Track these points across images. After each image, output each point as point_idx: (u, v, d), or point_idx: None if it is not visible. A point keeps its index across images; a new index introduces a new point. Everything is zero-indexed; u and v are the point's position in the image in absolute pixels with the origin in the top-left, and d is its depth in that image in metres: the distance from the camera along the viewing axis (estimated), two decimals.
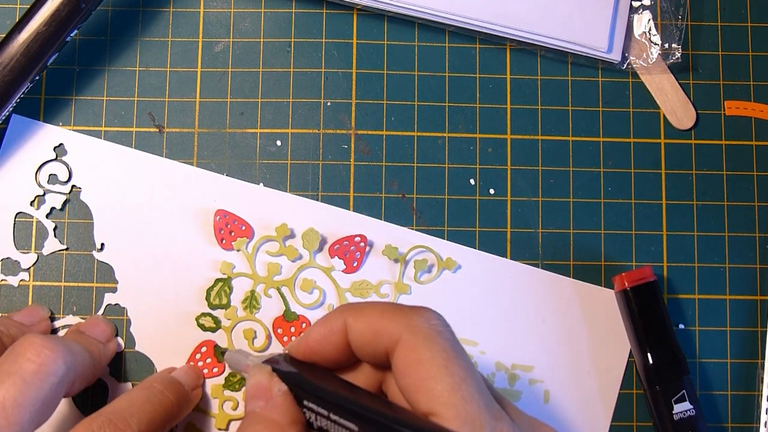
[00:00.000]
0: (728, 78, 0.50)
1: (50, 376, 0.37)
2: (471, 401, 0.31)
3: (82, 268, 0.47)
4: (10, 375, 0.36)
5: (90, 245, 0.47)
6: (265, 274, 0.46)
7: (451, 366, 0.32)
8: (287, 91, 0.49)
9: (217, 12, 0.50)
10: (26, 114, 0.48)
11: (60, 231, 0.47)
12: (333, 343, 0.36)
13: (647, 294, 0.46)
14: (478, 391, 0.32)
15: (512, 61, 0.50)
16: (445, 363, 0.32)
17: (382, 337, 0.34)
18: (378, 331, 0.34)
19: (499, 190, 0.49)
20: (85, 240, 0.47)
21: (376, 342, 0.34)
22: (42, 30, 0.44)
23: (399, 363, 0.33)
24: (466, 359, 0.33)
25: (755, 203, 0.49)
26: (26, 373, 0.36)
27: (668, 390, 0.45)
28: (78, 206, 0.47)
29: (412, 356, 0.33)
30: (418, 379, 0.32)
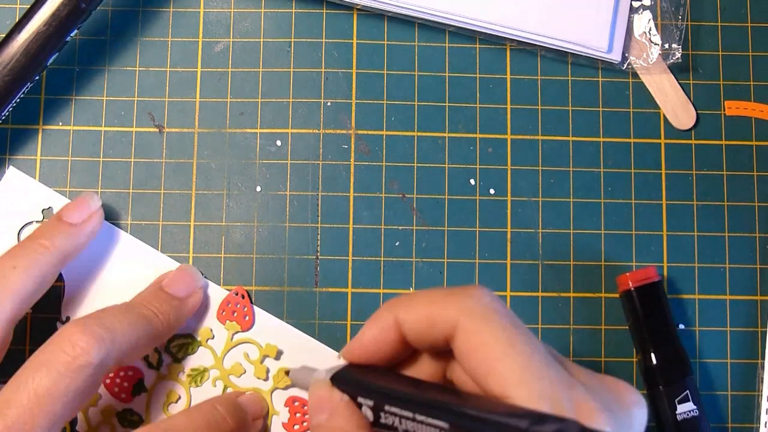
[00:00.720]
0: (728, 78, 0.50)
1: (84, 368, 0.37)
2: (542, 376, 0.31)
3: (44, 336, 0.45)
4: (45, 365, 0.37)
5: (56, 315, 0.46)
6: (228, 368, 0.46)
7: (516, 344, 0.31)
8: (287, 91, 0.49)
9: (217, 12, 0.50)
10: (26, 115, 0.48)
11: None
12: (388, 340, 0.35)
13: (651, 294, 0.46)
14: (547, 364, 0.31)
15: (512, 61, 0.50)
16: (509, 341, 0.31)
17: (438, 326, 0.33)
18: (433, 321, 0.34)
19: (499, 190, 0.49)
20: (52, 309, 0.46)
21: (432, 331, 0.34)
22: (42, 30, 0.44)
23: (462, 349, 0.33)
24: (527, 333, 0.32)
25: (755, 203, 0.49)
26: (60, 364, 0.37)
27: (672, 390, 0.45)
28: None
29: (474, 340, 0.32)
30: (485, 362, 0.31)
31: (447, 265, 0.48)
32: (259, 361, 0.46)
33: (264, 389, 0.46)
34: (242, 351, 0.46)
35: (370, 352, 0.36)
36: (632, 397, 0.33)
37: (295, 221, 0.48)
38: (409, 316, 0.34)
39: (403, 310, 0.35)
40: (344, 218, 0.48)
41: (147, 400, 0.45)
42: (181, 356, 0.46)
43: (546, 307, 0.48)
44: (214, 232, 0.48)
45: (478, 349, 0.32)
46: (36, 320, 0.46)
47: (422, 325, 0.34)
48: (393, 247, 0.48)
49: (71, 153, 0.48)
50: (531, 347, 0.32)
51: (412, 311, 0.34)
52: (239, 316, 0.46)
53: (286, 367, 0.46)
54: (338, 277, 0.48)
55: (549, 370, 0.31)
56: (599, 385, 0.33)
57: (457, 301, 0.33)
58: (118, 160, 0.48)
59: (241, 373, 0.46)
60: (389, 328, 0.35)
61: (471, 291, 0.34)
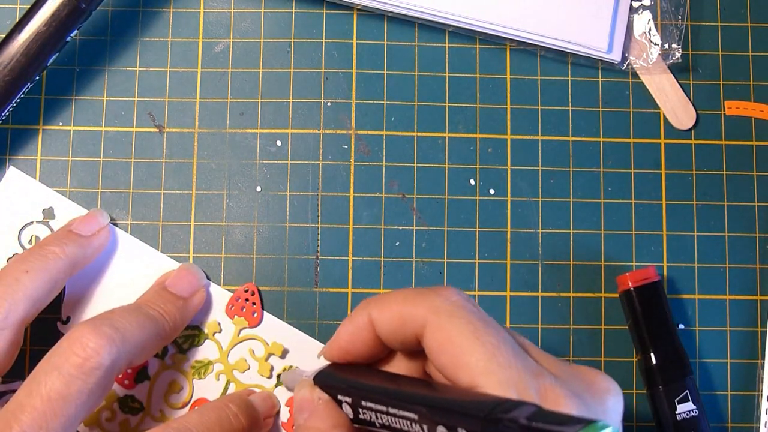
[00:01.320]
0: (728, 78, 0.50)
1: (95, 370, 0.37)
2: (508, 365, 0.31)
3: (44, 336, 0.46)
4: (57, 368, 0.37)
5: (56, 315, 0.46)
6: (232, 362, 0.46)
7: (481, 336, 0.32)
8: (287, 91, 0.49)
9: (217, 12, 0.50)
10: (26, 115, 0.48)
11: None
12: (363, 339, 0.36)
13: (651, 294, 0.46)
14: (514, 354, 0.32)
15: (512, 61, 0.50)
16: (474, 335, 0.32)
17: (408, 325, 0.34)
18: (403, 320, 0.35)
19: (499, 190, 0.49)
20: (52, 309, 0.46)
21: (403, 330, 0.35)
22: (42, 30, 0.44)
23: (430, 345, 0.34)
24: (495, 325, 0.33)
25: (755, 203, 0.49)
26: (71, 366, 0.37)
27: (671, 390, 0.45)
28: None
29: (440, 336, 0.33)
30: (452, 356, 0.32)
31: (447, 265, 0.48)
32: (264, 358, 0.46)
33: (267, 387, 0.46)
34: (248, 347, 0.46)
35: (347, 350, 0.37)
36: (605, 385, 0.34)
37: (295, 221, 0.48)
38: (382, 316, 0.35)
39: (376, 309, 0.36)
40: (344, 218, 0.48)
41: (149, 388, 0.45)
42: (187, 347, 0.46)
43: (546, 307, 0.48)
44: (214, 232, 0.48)
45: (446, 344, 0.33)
46: (36, 320, 0.46)
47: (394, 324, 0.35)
48: (393, 247, 0.48)
49: (71, 153, 0.48)
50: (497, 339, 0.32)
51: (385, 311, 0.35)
52: (248, 312, 0.46)
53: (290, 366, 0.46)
54: (338, 277, 0.48)
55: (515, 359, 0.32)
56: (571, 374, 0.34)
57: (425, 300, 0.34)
58: (118, 160, 0.48)
59: (245, 369, 0.46)
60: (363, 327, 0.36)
61: (439, 290, 0.35)
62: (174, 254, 0.47)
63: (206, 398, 0.46)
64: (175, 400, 0.46)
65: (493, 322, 0.33)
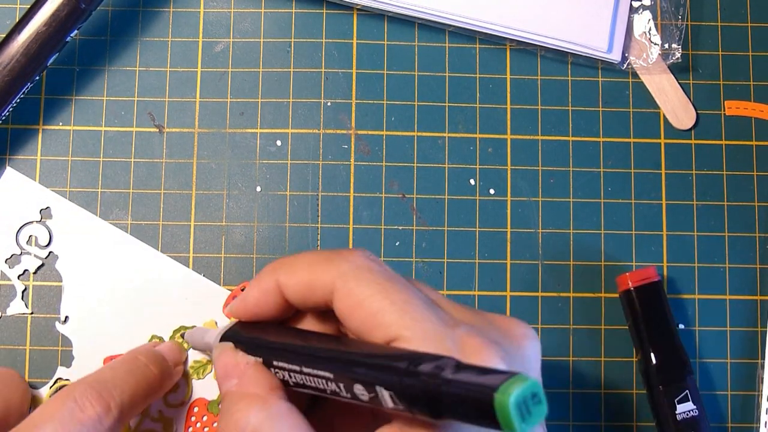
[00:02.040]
0: (728, 78, 0.50)
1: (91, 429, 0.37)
2: (421, 319, 0.31)
3: (41, 336, 0.46)
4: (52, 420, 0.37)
5: (54, 315, 0.46)
6: None
7: (390, 294, 0.32)
8: (287, 91, 0.49)
9: (217, 12, 0.50)
10: (26, 115, 0.48)
11: (27, 293, 0.46)
12: (271, 303, 0.36)
13: (651, 294, 0.46)
14: (426, 307, 0.32)
15: (512, 61, 0.50)
16: (382, 295, 0.32)
17: (317, 291, 0.34)
18: (311, 286, 0.34)
19: (499, 190, 0.49)
20: (51, 309, 0.46)
21: (312, 296, 0.34)
22: (42, 30, 0.44)
23: (341, 311, 0.33)
24: (402, 283, 0.33)
25: (755, 203, 0.49)
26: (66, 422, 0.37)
27: (671, 390, 0.45)
28: (51, 273, 0.47)
29: (349, 301, 0.33)
30: (364, 319, 0.32)
31: (447, 265, 0.48)
32: None
33: None
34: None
35: (255, 312, 0.37)
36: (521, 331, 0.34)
37: (295, 221, 0.48)
38: (290, 281, 0.35)
39: (284, 274, 0.35)
40: (344, 218, 0.48)
41: None
42: (186, 347, 0.46)
43: (546, 307, 0.48)
44: (214, 232, 0.48)
45: (356, 309, 0.32)
46: (33, 320, 0.46)
47: (302, 290, 0.35)
48: (393, 247, 0.48)
49: (71, 153, 0.48)
50: (407, 295, 0.32)
51: (293, 276, 0.35)
52: None
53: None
54: None
55: (428, 312, 0.32)
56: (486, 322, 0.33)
57: (333, 266, 0.34)
58: (118, 160, 0.48)
59: None
60: (271, 291, 0.36)
61: (346, 255, 0.34)
62: (174, 254, 0.47)
63: (205, 398, 0.45)
64: (173, 399, 0.45)
65: (401, 279, 0.33)
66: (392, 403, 0.29)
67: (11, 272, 0.46)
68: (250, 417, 0.32)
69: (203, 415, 0.45)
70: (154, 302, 0.46)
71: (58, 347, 0.46)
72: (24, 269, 0.46)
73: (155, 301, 0.46)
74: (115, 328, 0.46)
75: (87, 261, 0.47)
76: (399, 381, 0.29)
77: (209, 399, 0.46)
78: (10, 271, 0.46)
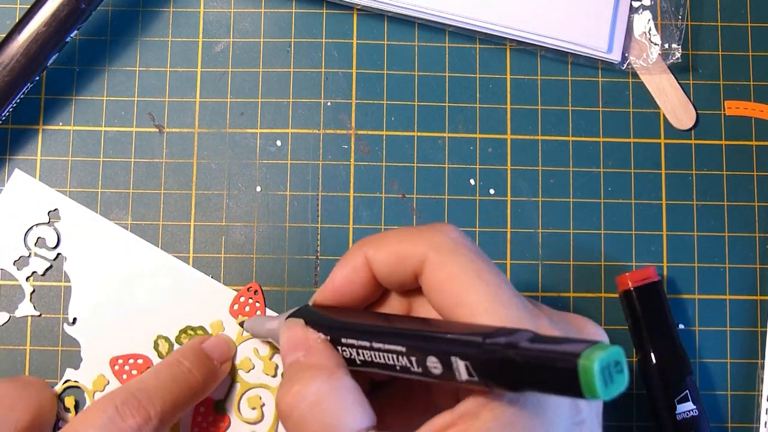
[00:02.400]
0: (728, 78, 0.50)
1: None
2: (510, 305, 0.31)
3: (49, 338, 0.46)
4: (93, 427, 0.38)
5: (62, 316, 0.46)
6: (237, 362, 0.46)
7: (484, 275, 0.32)
8: (287, 91, 0.49)
9: (217, 12, 0.50)
10: (26, 115, 0.48)
11: (36, 295, 0.46)
12: (358, 280, 0.36)
13: (651, 294, 0.46)
14: (514, 294, 0.32)
15: (512, 61, 0.50)
16: (476, 273, 0.32)
17: (408, 262, 0.34)
18: (402, 257, 0.34)
19: (499, 190, 0.49)
20: (58, 310, 0.46)
21: (401, 268, 0.34)
22: (42, 30, 0.44)
23: (430, 282, 0.33)
24: (494, 266, 0.33)
25: (755, 203, 0.49)
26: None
27: (671, 390, 0.45)
28: (59, 275, 0.47)
29: (442, 273, 0.32)
30: (453, 293, 0.32)
31: None
32: (269, 357, 0.46)
33: (272, 386, 0.46)
34: (252, 346, 0.46)
35: (342, 292, 0.36)
36: (594, 330, 0.34)
37: (295, 221, 0.48)
38: (379, 254, 0.35)
39: (373, 248, 0.35)
40: (344, 218, 0.48)
41: None
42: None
43: None
44: (214, 232, 0.48)
45: (447, 281, 0.32)
46: (39, 320, 0.46)
47: (392, 261, 0.34)
48: None
49: (71, 153, 0.48)
50: (498, 279, 0.32)
51: (382, 249, 0.35)
52: (251, 312, 0.46)
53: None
54: None
55: (517, 300, 0.32)
56: (563, 319, 0.34)
57: (425, 237, 0.34)
58: (118, 160, 0.48)
59: (250, 368, 0.46)
60: (360, 267, 0.36)
61: (439, 227, 0.34)
62: (174, 254, 0.47)
63: (211, 398, 0.46)
64: None
65: (492, 263, 0.33)
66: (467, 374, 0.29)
67: (19, 274, 0.46)
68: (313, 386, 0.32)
69: (209, 415, 0.45)
70: (161, 303, 0.46)
71: (65, 349, 0.46)
72: (32, 271, 0.47)
73: (162, 301, 0.46)
74: (121, 329, 0.46)
75: (94, 262, 0.47)
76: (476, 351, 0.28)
77: (215, 399, 0.46)
78: (19, 273, 0.46)
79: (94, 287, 0.46)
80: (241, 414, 0.46)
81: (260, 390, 0.46)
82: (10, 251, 0.47)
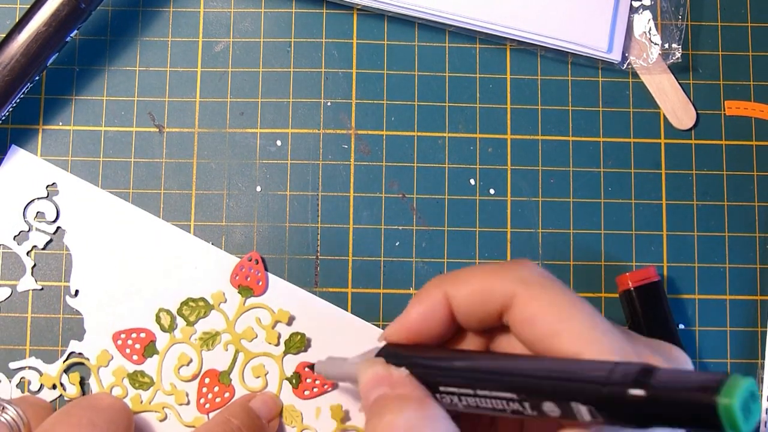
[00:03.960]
0: (728, 78, 0.50)
1: None
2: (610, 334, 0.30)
3: (51, 311, 0.46)
4: None
5: (65, 289, 0.47)
6: (239, 332, 0.46)
7: (577, 304, 0.31)
8: (287, 91, 0.49)
9: (217, 12, 0.50)
10: (26, 115, 0.48)
11: (37, 269, 0.47)
12: (436, 318, 0.34)
13: (651, 294, 0.46)
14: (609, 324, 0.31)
15: (512, 61, 0.50)
16: (571, 303, 0.31)
17: (494, 298, 0.33)
18: (486, 293, 0.33)
19: (499, 190, 0.49)
20: (60, 282, 0.47)
21: (486, 305, 0.33)
22: (42, 30, 0.44)
23: (521, 316, 0.32)
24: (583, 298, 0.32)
25: (755, 203, 0.49)
26: None
27: None
28: (60, 248, 0.47)
29: (534, 306, 0.32)
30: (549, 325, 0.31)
31: (447, 265, 0.48)
32: (271, 326, 0.46)
33: (275, 354, 0.46)
34: (254, 316, 0.46)
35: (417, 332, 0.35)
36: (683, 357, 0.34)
37: (295, 221, 0.48)
38: (461, 291, 0.34)
39: (453, 285, 0.34)
40: (344, 218, 0.48)
41: (159, 362, 0.46)
42: (194, 319, 0.46)
43: None
44: (214, 232, 0.48)
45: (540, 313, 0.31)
46: (40, 292, 0.46)
47: (476, 299, 0.33)
48: (393, 247, 0.48)
49: (71, 153, 0.48)
50: (592, 309, 0.32)
51: (465, 286, 0.34)
52: (252, 281, 0.47)
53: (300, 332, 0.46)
54: (338, 277, 0.48)
55: (614, 328, 0.31)
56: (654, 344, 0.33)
57: (510, 272, 0.33)
58: (118, 160, 0.48)
59: (253, 337, 0.46)
60: (438, 304, 0.34)
61: (521, 262, 0.34)
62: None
63: (216, 369, 0.46)
64: (184, 372, 0.46)
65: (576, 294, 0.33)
66: (589, 416, 0.28)
67: (20, 249, 0.47)
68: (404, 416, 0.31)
69: (214, 386, 0.46)
70: (161, 273, 0.47)
71: (67, 317, 0.46)
72: (33, 245, 0.47)
73: (162, 272, 0.47)
74: (123, 301, 0.46)
75: (94, 234, 0.47)
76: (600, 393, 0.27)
77: (220, 370, 0.46)
78: (19, 248, 0.47)
79: (94, 259, 0.47)
80: (245, 383, 0.46)
81: (264, 358, 0.46)
82: (10, 226, 0.47)
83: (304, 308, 0.47)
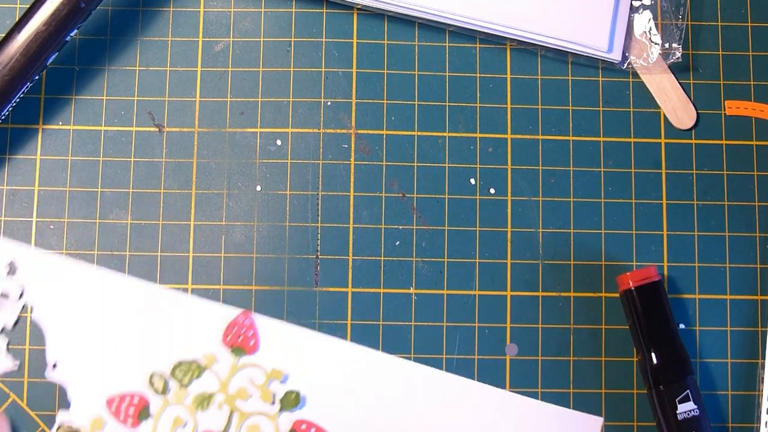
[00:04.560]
0: (728, 78, 0.50)
1: None
2: None
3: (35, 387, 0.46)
4: None
5: (42, 365, 0.46)
6: (233, 393, 0.46)
7: None
8: (287, 90, 0.49)
9: (217, 12, 0.50)
10: (26, 115, 0.48)
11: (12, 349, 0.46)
12: None
13: (652, 293, 0.46)
14: None
15: (512, 61, 0.50)
16: None
17: None
18: None
19: (499, 190, 0.49)
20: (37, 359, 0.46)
21: None
22: (42, 30, 0.44)
23: None
24: None
25: (755, 203, 0.49)
26: None
27: (672, 390, 0.45)
28: (30, 325, 0.46)
29: None
30: None
31: (447, 264, 0.48)
32: (265, 385, 0.46)
33: (270, 413, 0.46)
34: (248, 375, 0.46)
35: None
36: None
37: (295, 221, 0.48)
38: None
39: None
40: (344, 218, 0.48)
41: (153, 425, 0.45)
42: (187, 382, 0.46)
43: (546, 307, 0.48)
44: (214, 231, 0.48)
45: None
46: (16, 374, 0.46)
47: None
48: (393, 247, 0.48)
49: (71, 153, 0.48)
50: None
51: None
52: (245, 341, 0.46)
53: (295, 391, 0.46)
54: (338, 276, 0.48)
55: None
56: None
57: None
58: (118, 159, 0.48)
59: (247, 397, 0.46)
60: None
61: None
62: (173, 253, 0.47)
63: (211, 429, 0.45)
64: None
65: None
66: None
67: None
68: None
69: None
70: (147, 334, 0.46)
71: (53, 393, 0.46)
72: (2, 327, 0.46)
73: (148, 333, 0.46)
74: (109, 367, 0.46)
75: (64, 304, 0.46)
76: None
77: (215, 430, 0.45)
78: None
79: (69, 329, 0.46)
80: None
81: (259, 417, 0.46)
82: None
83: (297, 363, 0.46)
